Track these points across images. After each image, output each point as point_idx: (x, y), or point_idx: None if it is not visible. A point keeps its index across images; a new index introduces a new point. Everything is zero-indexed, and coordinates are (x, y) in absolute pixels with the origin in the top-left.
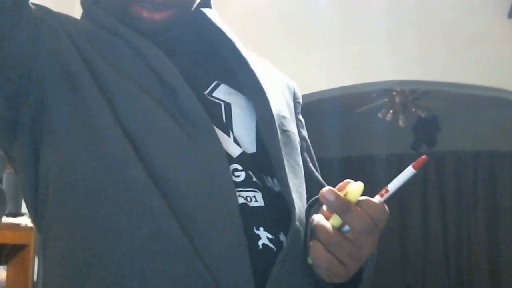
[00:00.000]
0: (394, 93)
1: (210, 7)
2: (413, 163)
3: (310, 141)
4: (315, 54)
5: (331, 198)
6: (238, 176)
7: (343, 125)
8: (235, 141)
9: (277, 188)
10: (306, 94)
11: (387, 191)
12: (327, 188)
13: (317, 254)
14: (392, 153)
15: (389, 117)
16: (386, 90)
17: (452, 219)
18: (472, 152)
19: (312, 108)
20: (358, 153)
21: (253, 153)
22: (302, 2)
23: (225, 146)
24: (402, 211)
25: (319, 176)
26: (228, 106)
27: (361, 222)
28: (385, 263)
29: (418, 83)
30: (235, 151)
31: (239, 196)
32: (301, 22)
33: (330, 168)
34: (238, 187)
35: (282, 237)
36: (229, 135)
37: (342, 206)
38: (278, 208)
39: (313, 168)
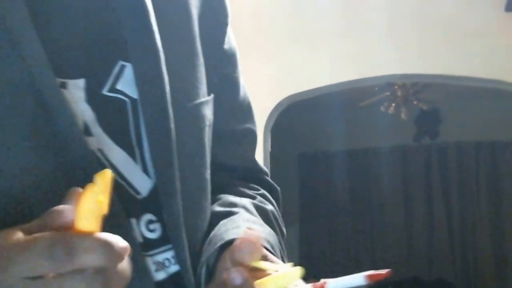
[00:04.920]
0: (396, 87)
1: None
2: (369, 275)
3: (314, 136)
4: (317, 49)
5: (237, 280)
6: (153, 231)
7: (347, 118)
8: (144, 166)
9: None
10: (310, 90)
11: (324, 285)
12: (235, 270)
13: None
14: (395, 145)
15: (391, 110)
16: (388, 84)
17: (456, 208)
18: (473, 142)
19: (316, 103)
20: (361, 146)
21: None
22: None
23: (134, 181)
24: (407, 202)
25: (237, 126)
26: (135, 105)
27: None
28: (391, 253)
29: (419, 76)
30: (144, 186)
31: (156, 265)
32: (304, 18)
33: (335, 161)
34: (154, 250)
35: None
36: (136, 159)
37: None
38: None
39: (230, 118)
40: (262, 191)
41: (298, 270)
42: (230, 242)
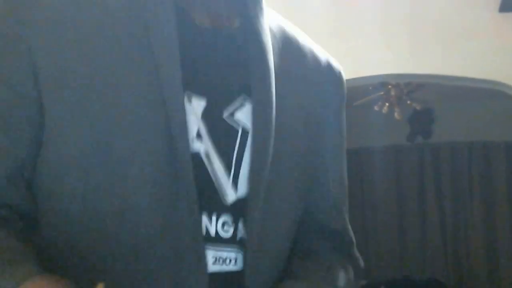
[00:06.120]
0: (390, 86)
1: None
2: None
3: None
4: None
5: None
6: (226, 231)
7: None
8: (235, 182)
9: None
10: None
11: None
12: None
13: None
14: (388, 145)
15: (385, 109)
16: (381, 84)
17: (449, 208)
18: (466, 142)
19: None
20: (355, 145)
21: (245, 197)
22: None
23: (224, 188)
24: (400, 201)
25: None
26: (245, 134)
27: None
28: (384, 253)
29: (412, 76)
30: (230, 197)
31: (215, 258)
32: (296, 17)
33: None
34: (219, 246)
35: None
36: (229, 176)
37: None
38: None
39: (327, 189)
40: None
41: None
42: None
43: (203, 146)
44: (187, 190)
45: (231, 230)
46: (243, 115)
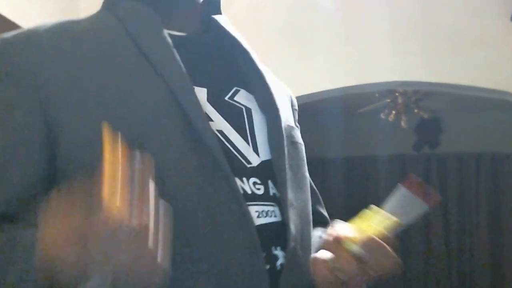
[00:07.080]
0: (397, 94)
1: (220, 13)
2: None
3: (312, 141)
4: (317, 55)
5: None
6: (258, 189)
7: (346, 125)
8: (255, 149)
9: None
10: (309, 94)
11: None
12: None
13: (319, 271)
14: (394, 154)
15: (391, 117)
16: (388, 91)
17: (455, 220)
18: (474, 154)
19: (314, 109)
20: (360, 154)
21: (269, 160)
22: (304, 3)
23: (246, 154)
24: None
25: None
26: (249, 111)
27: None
28: None
29: (420, 84)
30: (254, 160)
31: (259, 212)
32: (303, 23)
33: (332, 168)
34: (258, 202)
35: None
36: (248, 143)
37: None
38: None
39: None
40: None
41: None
42: None
43: (214, 123)
44: (218, 162)
45: (262, 188)
46: (241, 98)
